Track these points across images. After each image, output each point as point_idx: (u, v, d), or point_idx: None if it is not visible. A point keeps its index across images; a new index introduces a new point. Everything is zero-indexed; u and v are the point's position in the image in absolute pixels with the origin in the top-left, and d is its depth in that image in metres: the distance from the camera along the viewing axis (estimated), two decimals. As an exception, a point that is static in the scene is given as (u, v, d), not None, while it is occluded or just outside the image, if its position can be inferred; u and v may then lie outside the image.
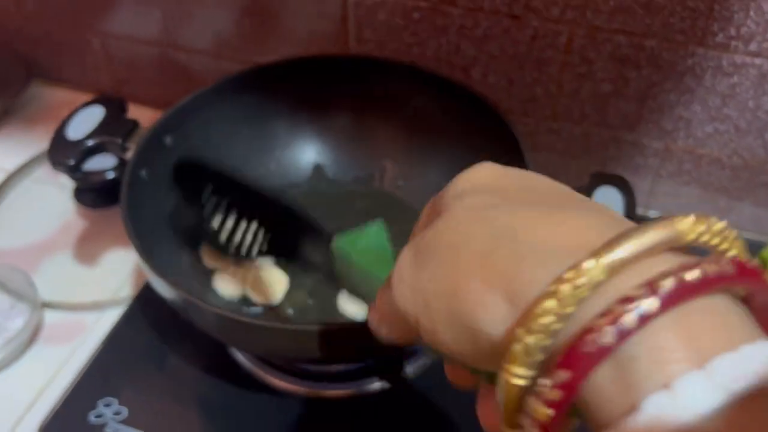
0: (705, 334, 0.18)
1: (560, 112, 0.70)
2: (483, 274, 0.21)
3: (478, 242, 0.22)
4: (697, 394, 0.17)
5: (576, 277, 0.19)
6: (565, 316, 0.19)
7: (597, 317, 0.19)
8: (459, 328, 0.22)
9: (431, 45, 0.70)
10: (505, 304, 0.20)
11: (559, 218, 0.22)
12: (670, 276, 0.19)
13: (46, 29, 0.87)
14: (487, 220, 0.23)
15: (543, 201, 0.24)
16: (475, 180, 0.26)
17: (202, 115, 0.60)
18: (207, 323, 0.45)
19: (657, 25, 0.61)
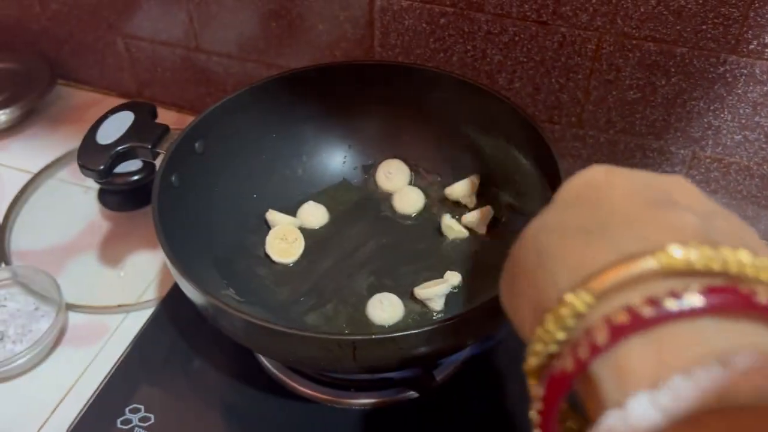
0: (671, 355, 0.20)
1: (586, 119, 0.70)
2: (528, 295, 0.26)
3: (529, 268, 0.26)
4: (643, 413, 0.19)
5: (558, 308, 0.22)
6: (555, 340, 0.23)
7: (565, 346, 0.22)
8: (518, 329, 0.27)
9: (457, 50, 0.69)
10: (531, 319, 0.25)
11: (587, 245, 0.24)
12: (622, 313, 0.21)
13: (70, 30, 0.87)
14: (537, 244, 0.26)
15: (597, 220, 0.26)
16: (566, 190, 0.29)
17: (232, 121, 0.60)
18: (236, 330, 0.45)
19: (688, 32, 0.60)
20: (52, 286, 0.64)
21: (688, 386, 0.19)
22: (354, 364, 0.41)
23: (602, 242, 0.24)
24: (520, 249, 0.28)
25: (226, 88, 0.84)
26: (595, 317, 0.22)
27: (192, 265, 0.48)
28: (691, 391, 0.19)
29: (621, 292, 0.22)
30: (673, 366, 0.20)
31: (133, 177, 0.71)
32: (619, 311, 0.21)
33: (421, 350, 0.41)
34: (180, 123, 0.86)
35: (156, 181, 0.51)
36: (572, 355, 0.21)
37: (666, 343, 0.21)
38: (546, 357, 0.23)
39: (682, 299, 0.21)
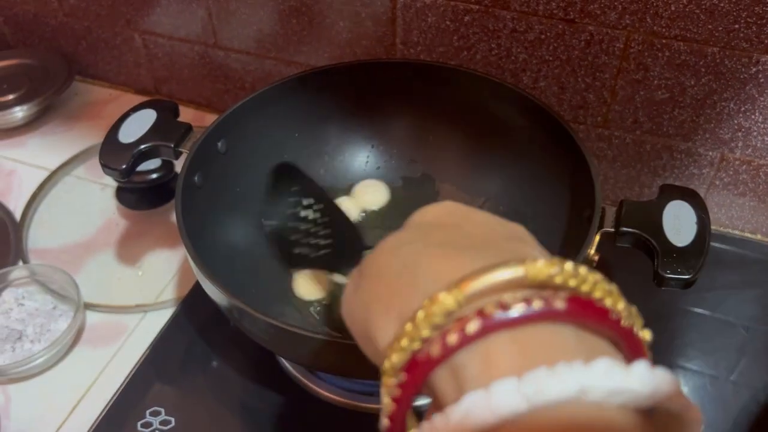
0: (535, 353, 0.22)
1: (612, 119, 0.68)
2: (386, 303, 0.26)
3: (388, 276, 0.27)
4: (506, 398, 0.20)
5: (430, 306, 0.23)
6: (421, 337, 0.23)
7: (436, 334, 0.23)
8: (367, 342, 0.27)
9: (481, 49, 0.68)
10: (394, 328, 0.25)
11: (452, 257, 0.26)
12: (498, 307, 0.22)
13: (87, 26, 0.86)
14: (401, 256, 0.27)
15: (458, 240, 0.28)
16: (422, 216, 0.31)
17: (254, 120, 0.59)
18: (261, 334, 0.44)
19: (720, 31, 0.58)
20: (71, 284, 0.63)
21: (551, 381, 0.20)
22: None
23: (466, 256, 0.26)
24: (377, 260, 0.28)
25: (244, 86, 0.83)
26: (466, 312, 0.23)
27: (215, 266, 0.48)
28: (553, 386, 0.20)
29: (488, 295, 0.23)
30: (538, 360, 0.21)
31: (151, 175, 0.70)
32: (490, 305, 0.22)
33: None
34: (198, 120, 0.85)
35: (179, 181, 0.50)
36: (441, 342, 0.22)
37: (531, 338, 0.22)
38: (409, 353, 0.24)
39: (551, 301, 0.22)
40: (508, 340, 0.22)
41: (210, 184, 0.54)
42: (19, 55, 0.90)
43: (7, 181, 0.79)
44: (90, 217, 0.74)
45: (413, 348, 0.23)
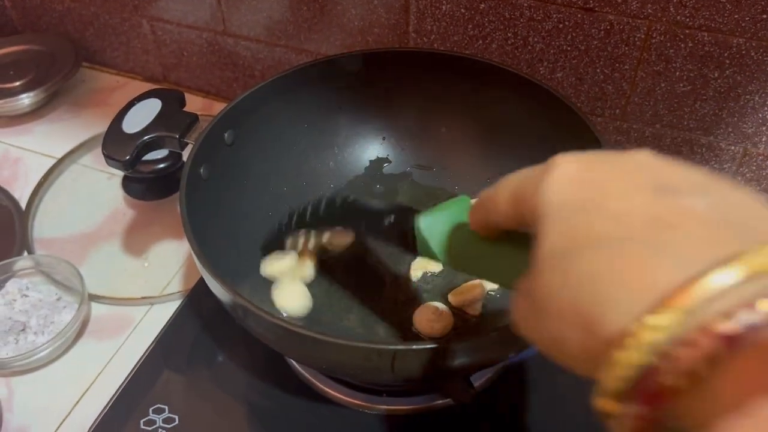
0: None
1: (631, 111, 0.66)
2: (580, 325, 0.24)
3: (566, 299, 0.24)
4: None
5: (640, 330, 0.21)
6: (633, 366, 0.21)
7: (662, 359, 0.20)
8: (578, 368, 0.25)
9: (497, 38, 0.66)
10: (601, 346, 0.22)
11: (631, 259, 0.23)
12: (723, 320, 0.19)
13: (95, 12, 0.85)
14: (567, 274, 0.24)
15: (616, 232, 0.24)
16: (558, 196, 0.26)
17: (262, 110, 0.57)
18: (267, 334, 0.42)
19: (747, 21, 0.56)
20: (75, 276, 0.62)
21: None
22: (392, 375, 0.38)
23: (655, 251, 0.23)
24: (544, 282, 0.26)
25: (253, 74, 0.81)
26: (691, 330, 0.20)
27: (220, 261, 0.46)
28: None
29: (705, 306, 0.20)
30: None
31: (158, 165, 0.69)
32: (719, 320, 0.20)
33: (465, 361, 0.39)
34: (206, 109, 0.84)
35: (184, 174, 0.48)
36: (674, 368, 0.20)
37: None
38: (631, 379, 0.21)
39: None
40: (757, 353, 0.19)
41: (216, 176, 0.53)
42: (26, 41, 0.89)
43: (13, 170, 0.78)
44: (96, 206, 0.73)
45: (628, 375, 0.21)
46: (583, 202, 0.25)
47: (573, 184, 0.26)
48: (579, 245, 0.24)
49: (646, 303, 0.21)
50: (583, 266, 0.24)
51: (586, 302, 0.23)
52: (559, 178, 0.27)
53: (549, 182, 0.27)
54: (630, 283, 0.22)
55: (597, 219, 0.25)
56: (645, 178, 0.25)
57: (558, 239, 0.25)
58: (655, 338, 0.20)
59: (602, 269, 0.23)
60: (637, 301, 0.22)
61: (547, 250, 0.26)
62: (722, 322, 0.20)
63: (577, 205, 0.26)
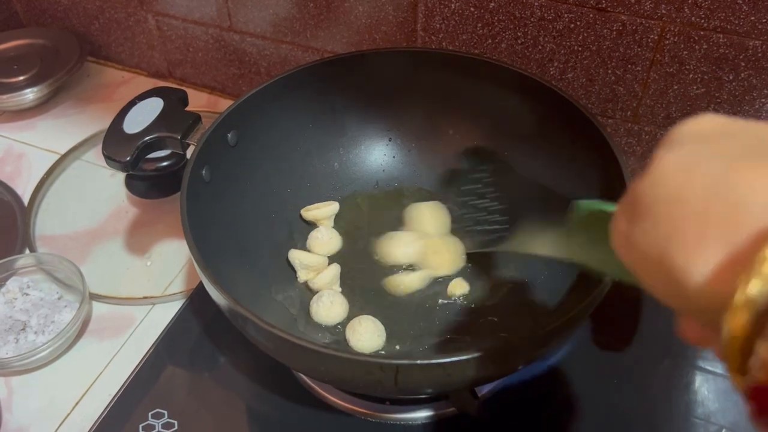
0: None
1: (642, 113, 0.65)
2: (699, 229, 0.22)
3: (691, 198, 0.23)
4: None
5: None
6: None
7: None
8: (667, 278, 0.23)
9: (506, 37, 0.65)
10: (721, 254, 0.21)
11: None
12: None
13: (100, 6, 0.84)
14: (700, 173, 0.23)
15: (756, 148, 0.23)
16: (692, 129, 0.26)
17: (266, 111, 0.56)
18: (267, 344, 0.41)
19: (764, 23, 0.55)
20: (76, 275, 0.61)
21: None
22: (395, 388, 0.37)
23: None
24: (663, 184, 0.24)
25: (259, 70, 0.80)
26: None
27: (221, 266, 0.45)
28: None
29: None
30: None
31: (162, 163, 0.68)
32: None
33: (469, 376, 0.38)
34: (211, 105, 0.83)
35: (185, 176, 0.47)
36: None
37: None
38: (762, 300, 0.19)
39: None
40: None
41: (219, 178, 0.52)
42: (31, 35, 0.88)
43: (16, 165, 0.77)
44: (99, 204, 0.72)
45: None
46: (721, 132, 0.25)
47: (716, 121, 0.26)
48: (717, 154, 0.23)
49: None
50: (722, 170, 0.23)
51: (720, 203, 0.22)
52: (701, 118, 0.26)
53: (690, 120, 0.26)
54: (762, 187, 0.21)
55: (737, 141, 0.24)
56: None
57: (695, 148, 0.24)
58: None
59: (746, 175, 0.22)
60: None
61: (677, 156, 0.24)
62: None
63: (721, 132, 0.25)
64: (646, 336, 0.57)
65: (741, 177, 0.22)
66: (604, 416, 0.52)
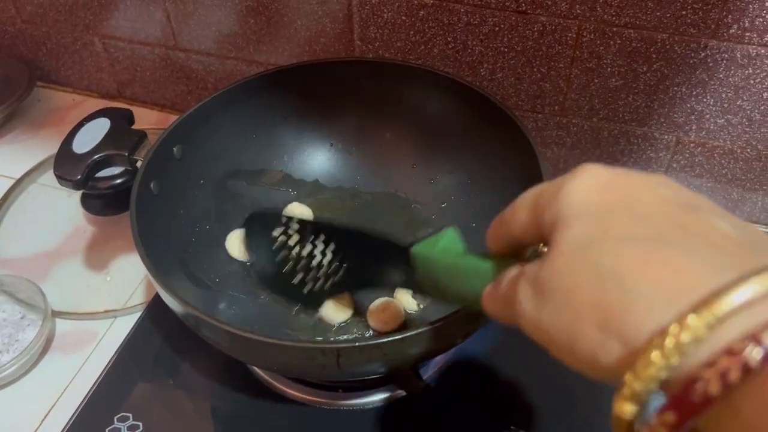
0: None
1: (569, 107, 0.69)
2: (597, 319, 0.23)
3: (587, 289, 0.24)
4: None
5: (680, 333, 0.20)
6: (669, 366, 0.21)
7: (702, 367, 0.20)
8: (576, 359, 0.25)
9: (438, 43, 0.68)
10: (619, 345, 0.23)
11: (661, 255, 0.23)
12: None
13: (47, 32, 0.86)
14: (593, 264, 0.24)
15: (645, 229, 0.24)
16: (579, 200, 0.27)
17: (210, 124, 0.59)
18: (219, 341, 0.44)
19: (668, 18, 0.59)
20: (37, 294, 0.63)
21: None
22: (339, 371, 0.40)
23: (674, 256, 0.23)
24: (562, 269, 0.25)
25: (206, 86, 0.83)
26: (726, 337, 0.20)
27: (174, 274, 0.48)
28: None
29: (736, 315, 0.20)
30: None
31: (116, 180, 0.70)
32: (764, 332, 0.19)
33: (407, 354, 0.41)
34: (161, 122, 0.85)
35: (134, 190, 0.50)
36: (719, 378, 0.20)
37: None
38: (646, 395, 0.22)
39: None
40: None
41: (168, 190, 0.54)
42: (-21, 64, 0.89)
43: (-29, 192, 0.78)
44: (57, 224, 0.74)
45: (660, 377, 0.21)
46: (611, 203, 0.26)
47: (600, 187, 0.27)
48: (607, 238, 0.24)
49: (684, 304, 0.21)
50: (611, 258, 0.24)
51: (611, 294, 0.23)
52: (586, 181, 0.27)
53: (575, 184, 0.27)
54: (663, 281, 0.22)
55: (626, 218, 0.25)
56: (669, 193, 0.26)
57: (584, 231, 0.25)
58: (696, 340, 0.20)
59: (632, 264, 0.23)
60: (672, 300, 0.21)
61: (571, 240, 0.25)
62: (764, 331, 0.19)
63: (605, 204, 0.26)
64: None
65: (630, 267, 0.23)
66: (548, 393, 0.55)
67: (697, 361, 0.21)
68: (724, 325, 0.20)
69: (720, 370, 0.20)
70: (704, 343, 0.21)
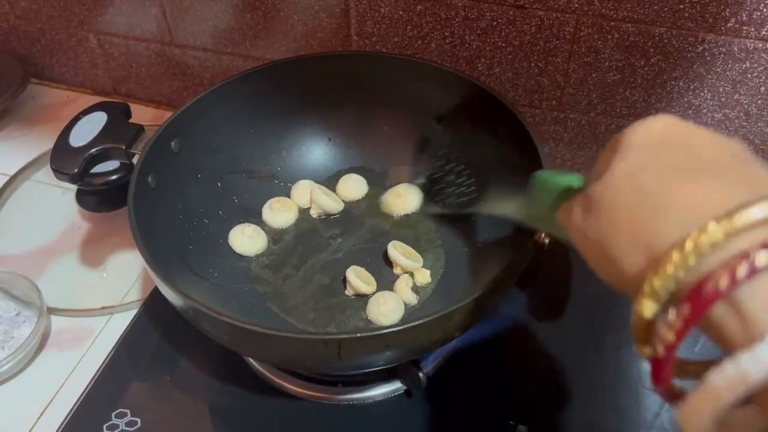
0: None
1: (566, 102, 0.69)
2: (630, 231, 0.27)
3: (628, 206, 0.28)
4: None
5: (699, 237, 0.24)
6: (687, 266, 0.24)
7: (717, 267, 0.23)
8: (607, 266, 0.29)
9: (435, 38, 0.68)
10: (644, 253, 0.26)
11: (697, 182, 0.27)
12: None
13: (41, 28, 0.85)
14: (638, 184, 0.28)
15: (692, 163, 0.28)
16: (643, 136, 0.30)
17: (208, 118, 0.59)
18: (220, 333, 0.44)
19: (666, 12, 0.59)
20: (33, 290, 0.63)
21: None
22: (340, 363, 0.40)
23: (709, 183, 0.26)
24: (610, 188, 0.29)
25: (203, 82, 0.83)
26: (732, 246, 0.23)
27: (172, 267, 0.48)
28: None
29: (752, 230, 0.24)
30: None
31: (111, 177, 0.70)
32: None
33: (407, 346, 0.41)
34: (157, 119, 0.85)
35: (132, 183, 0.50)
36: (729, 274, 0.23)
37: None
38: (664, 293, 0.25)
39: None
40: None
41: (165, 184, 0.54)
42: (-28, 60, 0.89)
43: (-35, 189, 0.78)
44: (52, 221, 0.73)
45: (680, 277, 0.24)
46: (670, 141, 0.29)
47: (666, 127, 0.30)
48: (657, 166, 0.28)
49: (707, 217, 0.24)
50: (655, 182, 0.27)
51: (646, 211, 0.27)
52: (654, 122, 0.31)
53: (646, 123, 0.31)
54: (693, 202, 0.26)
55: (679, 154, 0.29)
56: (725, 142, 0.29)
57: (639, 158, 0.29)
58: (713, 245, 0.24)
59: (671, 187, 0.27)
60: (698, 216, 0.25)
61: (625, 165, 0.29)
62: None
63: (665, 142, 0.29)
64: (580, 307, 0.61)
65: (668, 190, 0.27)
66: (546, 387, 0.55)
67: (711, 265, 0.24)
68: (740, 235, 0.23)
69: (730, 268, 0.23)
70: (720, 248, 0.24)
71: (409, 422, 0.53)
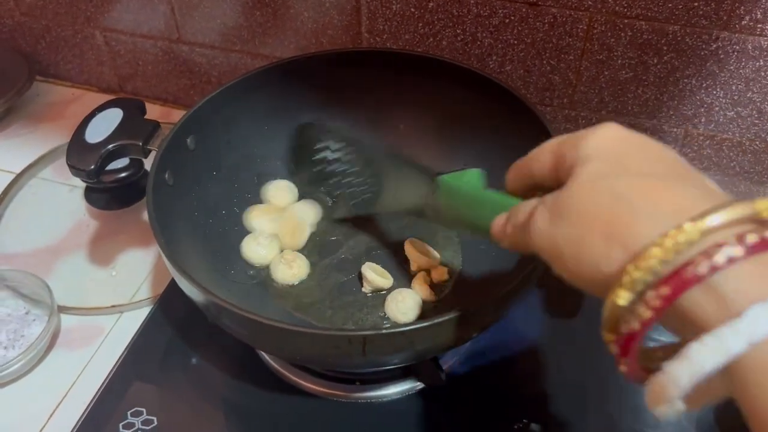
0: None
1: (578, 100, 0.69)
2: (605, 232, 0.29)
3: (601, 211, 0.29)
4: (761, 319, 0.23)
5: (677, 235, 0.26)
6: (665, 261, 0.26)
7: (695, 256, 0.25)
8: (579, 267, 0.30)
9: (446, 35, 0.68)
10: (621, 251, 0.28)
11: (665, 188, 0.29)
12: (753, 233, 0.25)
13: (46, 25, 0.85)
14: (608, 190, 0.29)
15: (653, 170, 0.30)
16: (600, 145, 0.32)
17: (223, 115, 0.58)
18: (241, 330, 0.43)
19: (680, 9, 0.59)
20: (43, 289, 0.62)
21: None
22: (363, 360, 0.40)
23: (676, 188, 0.29)
24: (578, 196, 0.30)
25: (210, 80, 0.82)
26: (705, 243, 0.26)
27: (190, 263, 0.47)
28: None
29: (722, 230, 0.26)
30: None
31: (120, 174, 0.69)
32: (749, 233, 0.25)
33: (432, 342, 0.41)
34: (164, 117, 0.84)
35: (150, 180, 0.49)
36: (707, 261, 0.25)
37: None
38: (660, 273, 0.26)
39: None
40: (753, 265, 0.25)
41: (181, 181, 0.54)
42: (-24, 57, 0.88)
43: (-29, 186, 0.77)
44: (59, 219, 0.73)
45: (659, 270, 0.26)
46: (628, 150, 0.31)
47: (620, 137, 0.32)
48: (622, 172, 0.30)
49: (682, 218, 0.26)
50: (624, 186, 0.29)
51: (620, 210, 0.28)
52: (607, 132, 0.32)
53: (598, 132, 0.32)
54: (665, 204, 0.28)
55: (640, 161, 0.31)
56: (674, 154, 0.32)
57: (602, 166, 0.31)
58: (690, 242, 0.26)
59: (641, 190, 0.29)
60: (671, 216, 0.27)
61: (590, 172, 0.31)
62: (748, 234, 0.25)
63: (622, 151, 0.31)
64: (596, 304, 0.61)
65: (641, 193, 0.29)
66: (559, 386, 0.55)
67: (686, 258, 0.26)
68: (712, 234, 0.26)
69: (710, 255, 0.25)
70: (695, 246, 0.26)
71: (425, 420, 0.53)
